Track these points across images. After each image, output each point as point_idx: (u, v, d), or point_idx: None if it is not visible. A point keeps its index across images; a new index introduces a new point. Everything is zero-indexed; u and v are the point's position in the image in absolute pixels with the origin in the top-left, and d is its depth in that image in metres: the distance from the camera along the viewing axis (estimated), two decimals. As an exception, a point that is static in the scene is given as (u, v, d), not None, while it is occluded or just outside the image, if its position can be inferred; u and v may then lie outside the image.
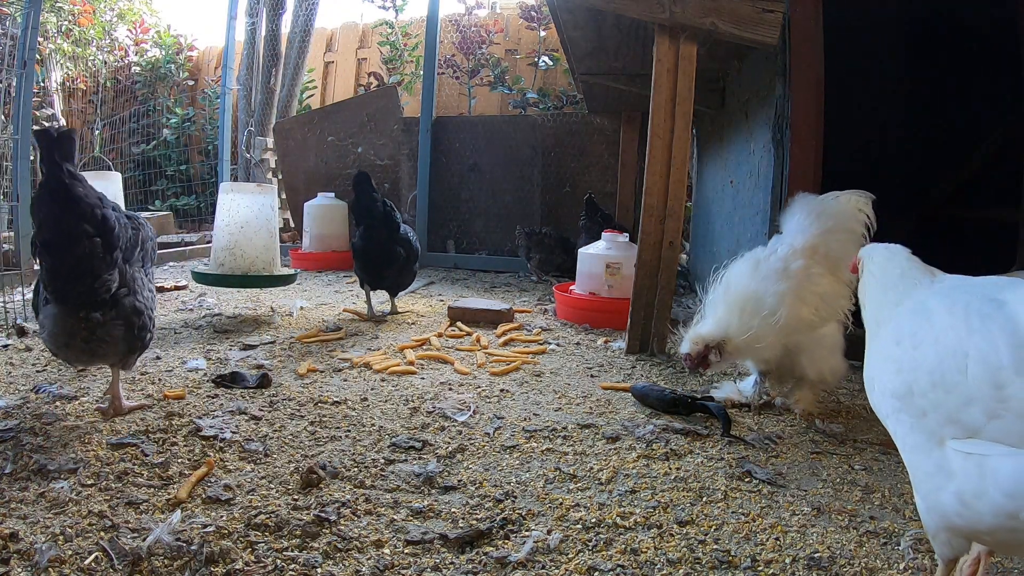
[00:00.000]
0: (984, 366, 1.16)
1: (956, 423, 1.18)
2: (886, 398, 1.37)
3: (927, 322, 1.33)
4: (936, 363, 1.24)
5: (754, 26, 3.13)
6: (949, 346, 1.23)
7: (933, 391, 1.23)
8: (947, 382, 1.21)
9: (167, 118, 9.93)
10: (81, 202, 1.96)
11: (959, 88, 4.88)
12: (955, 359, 1.21)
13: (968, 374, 1.18)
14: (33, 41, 4.81)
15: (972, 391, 1.16)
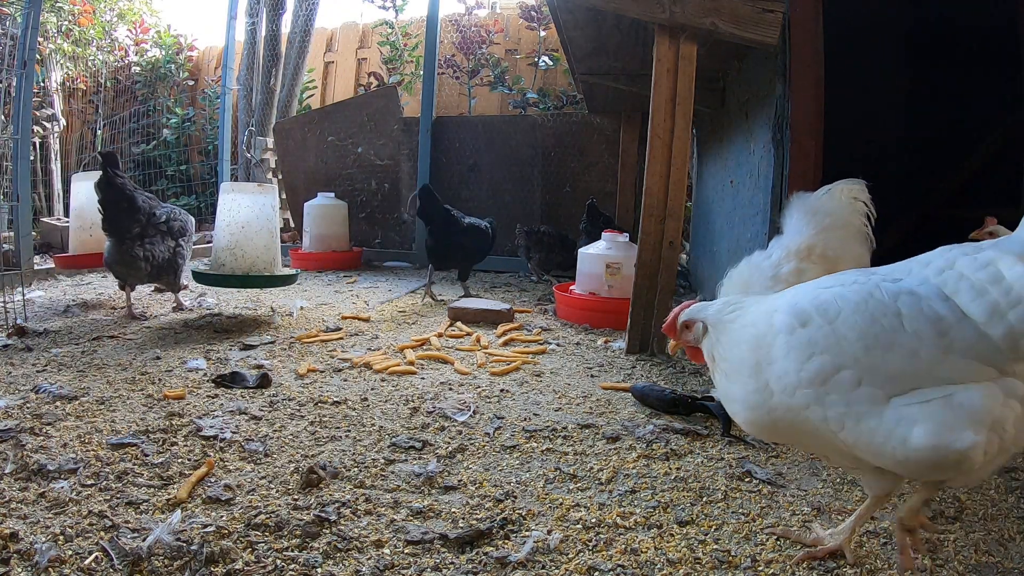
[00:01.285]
0: (924, 319, 1.31)
1: (895, 379, 1.33)
2: (793, 395, 1.41)
3: (832, 295, 1.42)
4: (866, 327, 1.35)
5: (754, 26, 3.13)
6: (877, 309, 1.35)
7: (867, 355, 1.34)
8: (883, 342, 1.33)
9: (167, 118, 9.93)
10: (121, 188, 3.83)
11: (959, 88, 4.88)
12: (888, 319, 1.34)
13: (906, 329, 1.32)
14: (33, 41, 4.81)
15: (914, 344, 1.31)
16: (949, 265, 1.38)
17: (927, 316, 1.32)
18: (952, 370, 1.31)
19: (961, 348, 1.30)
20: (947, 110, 4.91)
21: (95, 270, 5.66)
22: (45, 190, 8.69)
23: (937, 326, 1.31)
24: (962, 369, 1.30)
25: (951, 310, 1.32)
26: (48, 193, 8.72)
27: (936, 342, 1.31)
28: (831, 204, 2.48)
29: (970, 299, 1.31)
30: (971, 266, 1.35)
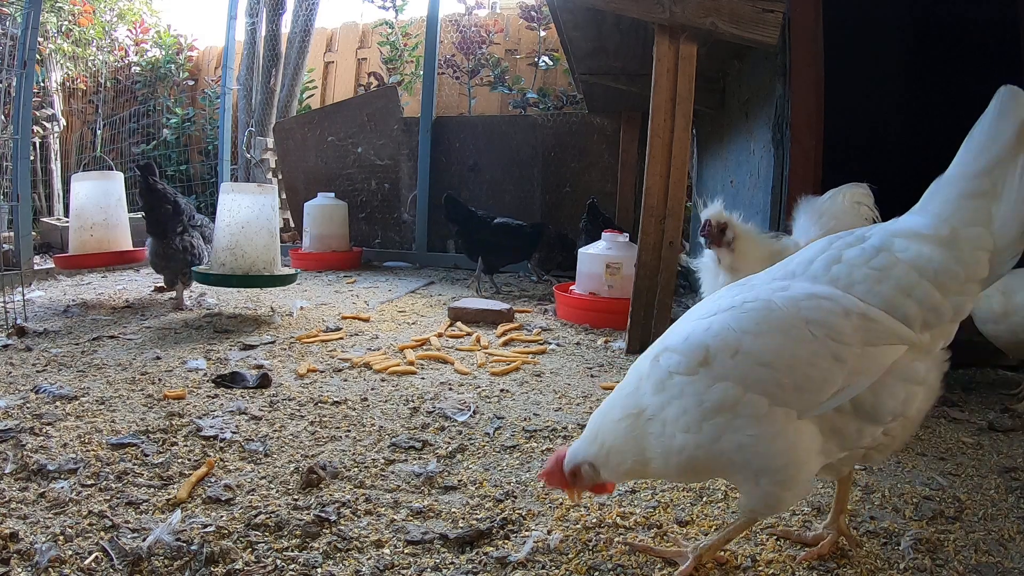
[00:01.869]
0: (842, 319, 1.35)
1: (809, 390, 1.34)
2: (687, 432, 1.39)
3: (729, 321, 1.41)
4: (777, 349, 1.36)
5: (754, 26, 3.13)
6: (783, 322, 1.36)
7: (780, 375, 1.35)
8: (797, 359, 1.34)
9: (167, 118, 9.92)
10: (164, 193, 4.27)
11: (959, 88, 4.88)
12: (795, 331, 1.35)
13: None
14: (33, 41, 4.82)
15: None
16: (836, 259, 1.40)
17: (836, 314, 1.33)
18: (871, 356, 1.33)
19: (874, 334, 1.33)
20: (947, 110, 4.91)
21: (95, 270, 5.66)
22: (45, 190, 8.69)
23: (847, 323, 1.33)
24: (876, 355, 1.33)
25: (852, 304, 1.34)
26: (48, 193, 8.72)
27: (852, 336, 1.32)
28: (836, 208, 2.51)
29: (869, 287, 1.35)
30: (861, 257, 1.38)
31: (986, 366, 3.34)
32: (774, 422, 1.33)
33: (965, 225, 1.37)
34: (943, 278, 1.35)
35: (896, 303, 1.34)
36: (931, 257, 1.35)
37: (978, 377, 3.25)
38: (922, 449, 2.27)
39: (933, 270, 1.35)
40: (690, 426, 1.37)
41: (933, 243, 1.36)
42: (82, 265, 5.12)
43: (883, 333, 1.33)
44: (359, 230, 7.38)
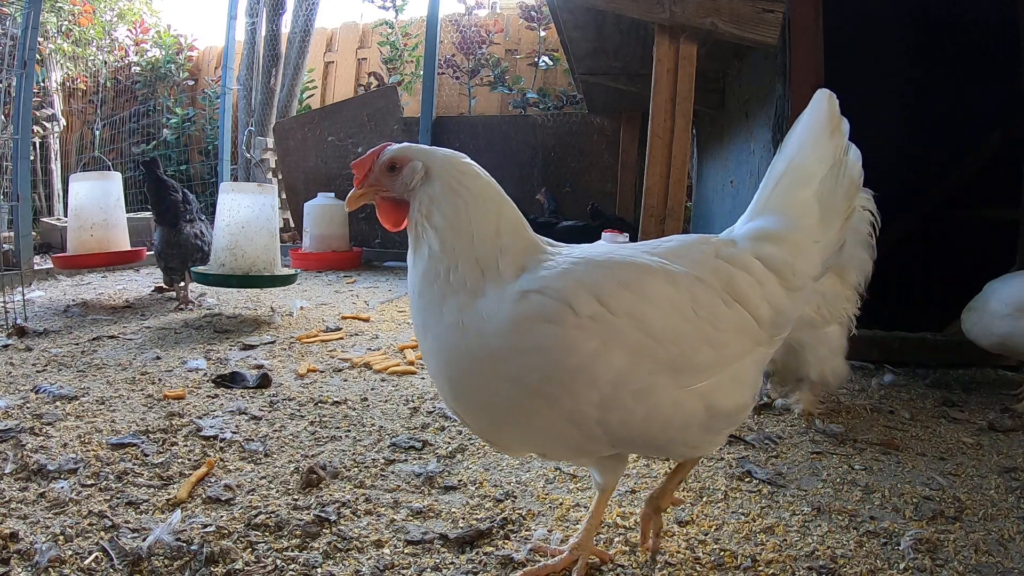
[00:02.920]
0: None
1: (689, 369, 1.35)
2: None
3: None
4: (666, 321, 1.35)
5: (754, 26, 3.13)
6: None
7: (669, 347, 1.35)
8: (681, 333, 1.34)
9: (167, 118, 9.93)
10: (170, 182, 4.38)
11: (959, 88, 4.88)
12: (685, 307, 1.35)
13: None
14: (33, 41, 4.82)
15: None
16: (714, 253, 1.45)
17: (720, 302, 1.36)
18: (740, 346, 1.39)
19: (744, 330, 1.39)
20: (947, 110, 4.91)
21: (95, 270, 5.66)
22: (45, 190, 8.69)
23: (730, 312, 1.36)
24: (743, 346, 1.39)
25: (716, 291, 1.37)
26: (48, 193, 8.72)
27: (728, 326, 1.36)
28: None
29: (725, 283, 1.39)
30: (727, 254, 1.43)
31: (986, 366, 3.34)
32: (652, 391, 1.29)
33: (803, 220, 1.47)
34: (793, 279, 1.44)
35: (756, 304, 1.39)
36: (781, 259, 1.43)
37: (978, 377, 3.25)
38: (922, 449, 2.27)
39: (787, 273, 1.43)
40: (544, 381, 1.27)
41: (776, 243, 1.44)
42: (82, 265, 5.12)
43: (751, 331, 1.39)
44: (359, 230, 7.38)
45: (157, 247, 4.31)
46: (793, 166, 1.50)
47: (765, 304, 1.40)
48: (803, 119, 1.54)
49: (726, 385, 1.38)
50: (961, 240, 4.71)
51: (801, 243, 1.45)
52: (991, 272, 3.10)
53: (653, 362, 1.28)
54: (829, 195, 1.48)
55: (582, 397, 1.25)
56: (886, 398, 2.85)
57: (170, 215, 4.26)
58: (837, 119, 1.52)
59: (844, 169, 1.49)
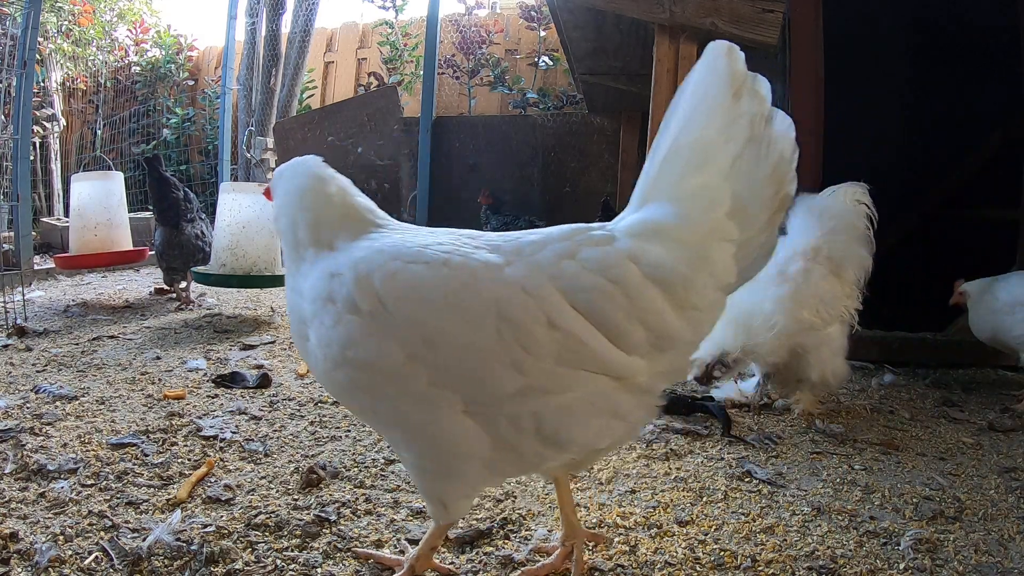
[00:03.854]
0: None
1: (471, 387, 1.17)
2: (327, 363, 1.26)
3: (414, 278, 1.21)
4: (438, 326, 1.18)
5: (754, 26, 3.13)
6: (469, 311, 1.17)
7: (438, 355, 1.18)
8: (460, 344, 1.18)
9: (167, 118, 9.91)
10: (173, 180, 4.36)
11: (959, 88, 4.88)
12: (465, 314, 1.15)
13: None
14: (33, 41, 4.81)
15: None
16: (569, 254, 1.17)
17: (538, 321, 1.11)
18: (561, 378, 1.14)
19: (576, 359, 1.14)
20: (947, 110, 4.91)
21: (95, 270, 5.65)
22: (45, 190, 8.69)
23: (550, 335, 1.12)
24: (571, 378, 1.14)
25: (566, 315, 1.12)
26: (48, 193, 8.72)
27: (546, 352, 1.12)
28: (836, 207, 2.51)
29: (591, 300, 1.14)
30: (600, 262, 1.15)
31: (986, 366, 3.34)
32: (432, 406, 1.14)
33: (705, 214, 1.14)
34: (686, 292, 1.14)
35: (621, 326, 1.12)
36: (675, 266, 1.14)
37: (978, 377, 3.25)
38: (922, 449, 2.27)
39: (677, 284, 1.13)
40: (336, 361, 1.18)
41: (666, 243, 1.14)
42: (85, 265, 5.12)
43: (585, 359, 1.12)
44: (359, 230, 7.37)
45: (158, 247, 4.29)
46: (684, 142, 1.17)
47: (636, 326, 1.12)
48: (692, 79, 1.19)
49: (553, 421, 1.13)
50: (961, 240, 4.71)
51: (701, 243, 1.14)
52: (991, 272, 3.10)
53: (434, 373, 1.12)
54: (746, 179, 1.15)
55: (377, 392, 1.17)
56: (886, 398, 2.85)
57: (171, 214, 4.24)
58: (742, 78, 1.17)
59: (765, 144, 1.16)
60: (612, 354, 1.13)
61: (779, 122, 1.18)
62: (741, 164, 1.15)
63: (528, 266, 1.15)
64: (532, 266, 1.15)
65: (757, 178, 1.15)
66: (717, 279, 1.16)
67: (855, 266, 2.47)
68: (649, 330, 1.13)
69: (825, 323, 2.43)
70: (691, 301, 1.15)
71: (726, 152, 1.14)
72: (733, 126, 1.15)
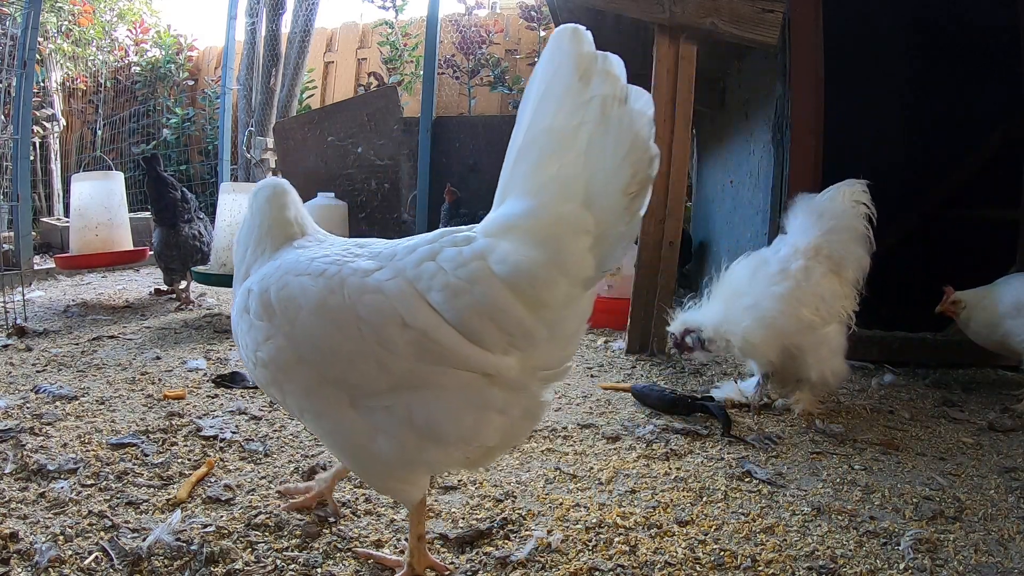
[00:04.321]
0: (390, 325, 1.20)
1: (361, 386, 1.24)
2: (255, 370, 1.41)
3: (299, 288, 1.32)
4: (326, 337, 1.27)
5: (754, 26, 3.13)
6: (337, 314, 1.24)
7: (328, 366, 1.27)
8: (344, 354, 1.25)
9: (167, 118, 9.91)
10: (170, 180, 4.35)
11: (959, 88, 4.88)
12: (349, 329, 1.21)
13: (366, 338, 1.20)
14: (33, 41, 4.81)
15: (379, 353, 1.21)
16: (431, 255, 1.20)
17: (392, 321, 1.16)
18: (426, 375, 1.18)
19: (434, 356, 1.16)
20: (947, 110, 4.91)
21: (95, 270, 5.66)
22: (45, 190, 8.69)
23: (405, 334, 1.16)
24: (437, 374, 1.17)
25: (420, 315, 1.15)
26: (48, 193, 8.72)
27: (404, 350, 1.16)
28: (835, 207, 2.52)
29: (443, 300, 1.15)
30: (454, 261, 1.17)
31: (986, 366, 3.34)
32: (324, 399, 1.25)
33: (559, 206, 1.11)
34: (535, 288, 1.13)
35: (472, 324, 1.14)
36: (518, 260, 1.12)
37: (978, 377, 3.25)
38: (922, 449, 2.27)
39: (524, 281, 1.13)
40: (253, 361, 1.37)
41: (520, 239, 1.13)
42: (86, 265, 5.12)
43: (444, 356, 1.16)
44: (359, 230, 7.37)
45: (156, 248, 4.29)
46: (535, 132, 1.15)
47: (488, 323, 1.14)
48: (538, 66, 1.16)
49: (424, 415, 1.19)
50: (961, 240, 4.71)
51: (553, 237, 1.11)
52: (991, 272, 3.10)
53: (319, 372, 1.24)
54: (601, 165, 1.09)
55: (284, 388, 1.32)
56: (886, 398, 2.85)
57: (169, 214, 4.25)
58: (590, 59, 1.09)
59: (620, 125, 1.08)
60: (469, 350, 1.15)
61: (635, 100, 1.10)
62: (595, 150, 1.09)
63: (393, 270, 1.22)
64: (396, 269, 1.21)
65: (613, 163, 1.08)
66: (571, 275, 1.13)
67: (854, 266, 2.48)
68: (501, 328, 1.15)
69: (824, 321, 2.44)
70: (541, 299, 1.14)
71: (578, 138, 1.10)
72: (583, 110, 1.09)
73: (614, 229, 1.12)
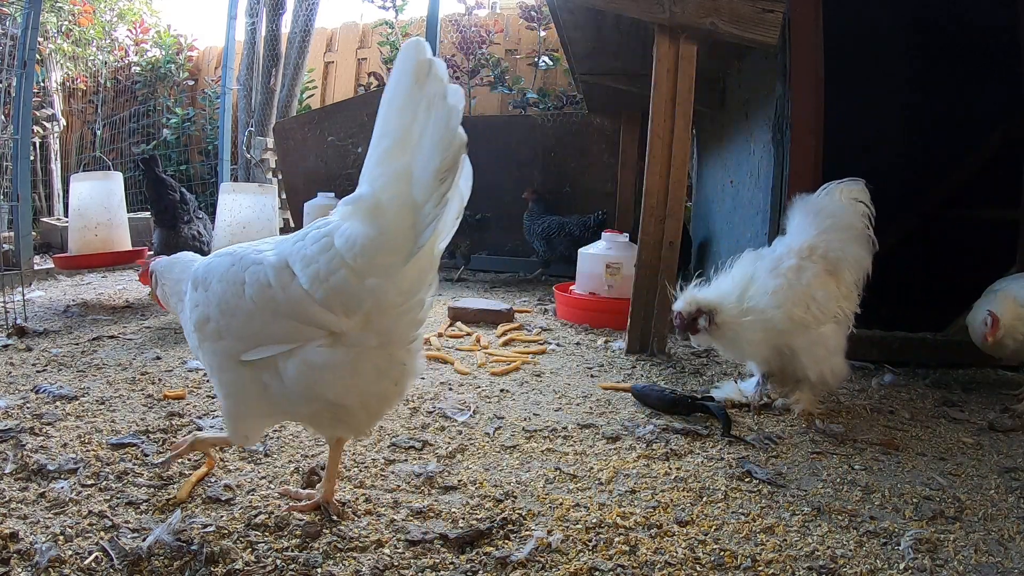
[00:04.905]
0: (258, 287, 1.49)
1: (242, 338, 1.51)
2: (191, 337, 1.66)
3: (212, 264, 1.62)
4: (221, 294, 1.54)
5: (754, 26, 3.13)
6: (231, 278, 1.54)
7: (222, 317, 1.53)
8: (229, 307, 1.52)
9: (167, 118, 9.91)
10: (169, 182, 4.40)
11: (959, 88, 4.88)
12: (235, 287, 1.51)
13: (245, 296, 1.50)
14: (33, 41, 4.81)
15: (250, 308, 1.49)
16: (303, 236, 1.50)
17: (260, 284, 1.47)
18: (284, 330, 1.47)
19: (287, 312, 1.45)
20: (947, 110, 4.91)
21: (95, 270, 5.65)
22: (45, 190, 8.69)
23: (266, 293, 1.46)
24: (291, 330, 1.46)
25: (280, 279, 1.46)
26: (48, 193, 8.72)
27: (266, 307, 1.46)
28: (833, 206, 2.51)
29: (300, 268, 1.45)
30: (313, 238, 1.47)
31: (986, 366, 3.34)
32: (223, 355, 1.54)
33: (386, 189, 1.37)
34: (363, 257, 1.39)
35: (317, 288, 1.42)
36: (354, 235, 1.39)
37: (978, 377, 3.25)
38: (922, 449, 2.27)
39: (353, 250, 1.39)
40: (189, 331, 1.64)
41: (360, 217, 1.40)
42: (85, 265, 5.12)
43: (297, 313, 1.44)
44: (359, 230, 7.38)
45: (156, 249, 4.34)
46: (384, 128, 1.39)
47: (330, 290, 1.41)
48: (392, 73, 1.39)
49: (292, 371, 1.47)
50: (961, 240, 4.70)
51: (382, 217, 1.36)
52: (991, 272, 3.10)
53: (217, 327, 1.54)
54: (425, 152, 1.34)
55: (203, 349, 1.62)
56: (886, 398, 2.85)
57: (168, 215, 4.30)
58: (426, 65, 1.34)
59: (438, 117, 1.34)
60: (315, 309, 1.43)
61: (451, 95, 1.35)
62: (424, 140, 1.34)
63: (277, 249, 1.53)
64: (279, 249, 1.53)
65: (433, 150, 1.33)
66: (395, 248, 1.38)
67: (852, 266, 2.46)
68: (337, 292, 1.41)
69: (818, 321, 2.42)
70: (369, 268, 1.40)
71: (413, 132, 1.35)
72: (418, 108, 1.34)
73: (429, 209, 1.34)
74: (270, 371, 1.49)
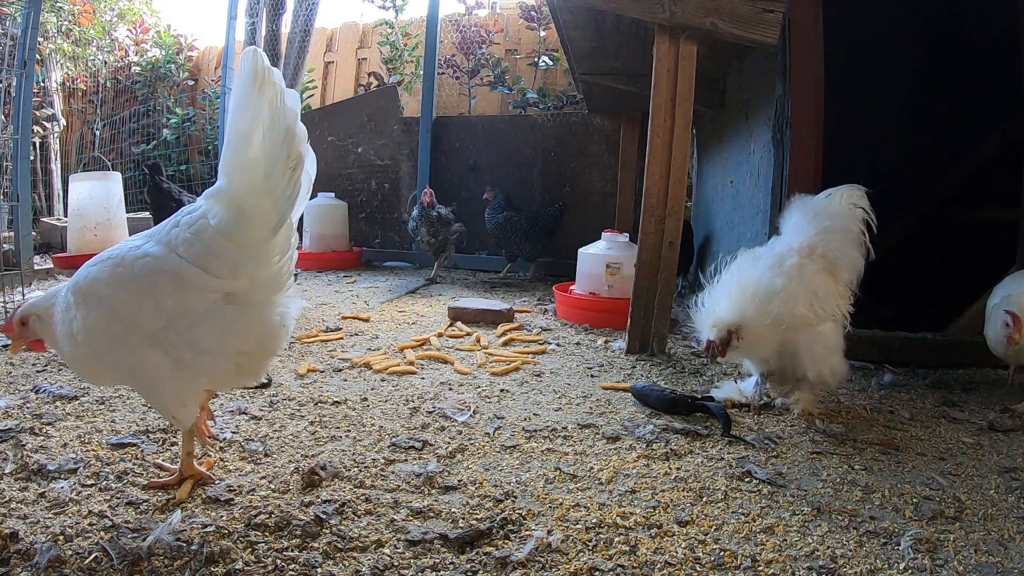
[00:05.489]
0: (159, 273, 1.66)
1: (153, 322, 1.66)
2: (78, 356, 1.74)
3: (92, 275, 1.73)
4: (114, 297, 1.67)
5: (754, 26, 3.13)
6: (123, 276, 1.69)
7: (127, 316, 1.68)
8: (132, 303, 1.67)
9: (167, 118, 9.91)
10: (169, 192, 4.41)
11: (960, 88, 4.88)
12: (129, 283, 1.67)
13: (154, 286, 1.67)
14: (33, 41, 4.81)
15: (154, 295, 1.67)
16: (176, 224, 1.70)
17: (156, 272, 1.64)
18: (188, 302, 1.66)
19: (189, 286, 1.65)
20: (947, 110, 4.91)
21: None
22: (45, 190, 8.68)
23: (163, 278, 1.64)
24: (194, 300, 1.66)
25: (171, 262, 1.65)
26: (48, 193, 8.71)
27: (167, 289, 1.64)
28: (832, 207, 2.52)
29: (185, 249, 1.65)
30: (187, 223, 1.69)
31: (986, 366, 3.34)
32: (128, 347, 1.66)
33: (243, 181, 1.64)
34: (237, 235, 1.65)
35: (203, 260, 1.64)
36: (224, 218, 1.65)
37: (978, 377, 3.25)
38: (922, 449, 2.27)
39: (227, 229, 1.64)
40: (81, 340, 1.70)
41: (224, 204, 1.66)
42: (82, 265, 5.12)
43: (194, 286, 1.65)
44: (359, 230, 7.37)
45: None
46: (233, 129, 1.64)
47: (214, 260, 1.64)
48: (235, 80, 1.65)
49: (191, 333, 1.66)
50: (961, 240, 4.71)
51: (244, 200, 1.64)
52: (991, 272, 3.10)
53: (120, 325, 1.66)
54: (272, 148, 1.61)
55: (98, 354, 1.73)
56: (886, 398, 2.85)
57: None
58: (264, 72, 1.58)
59: (277, 118, 1.59)
60: (206, 279, 1.65)
61: (288, 99, 1.61)
62: (268, 137, 1.61)
63: (155, 240, 1.70)
64: (157, 239, 1.70)
65: (278, 146, 1.60)
66: (260, 225, 1.65)
67: (848, 267, 2.48)
68: (222, 261, 1.65)
69: (819, 318, 2.43)
70: (240, 240, 1.66)
71: (258, 131, 1.61)
72: (260, 111, 1.59)
73: (284, 193, 1.64)
74: (182, 345, 1.66)
